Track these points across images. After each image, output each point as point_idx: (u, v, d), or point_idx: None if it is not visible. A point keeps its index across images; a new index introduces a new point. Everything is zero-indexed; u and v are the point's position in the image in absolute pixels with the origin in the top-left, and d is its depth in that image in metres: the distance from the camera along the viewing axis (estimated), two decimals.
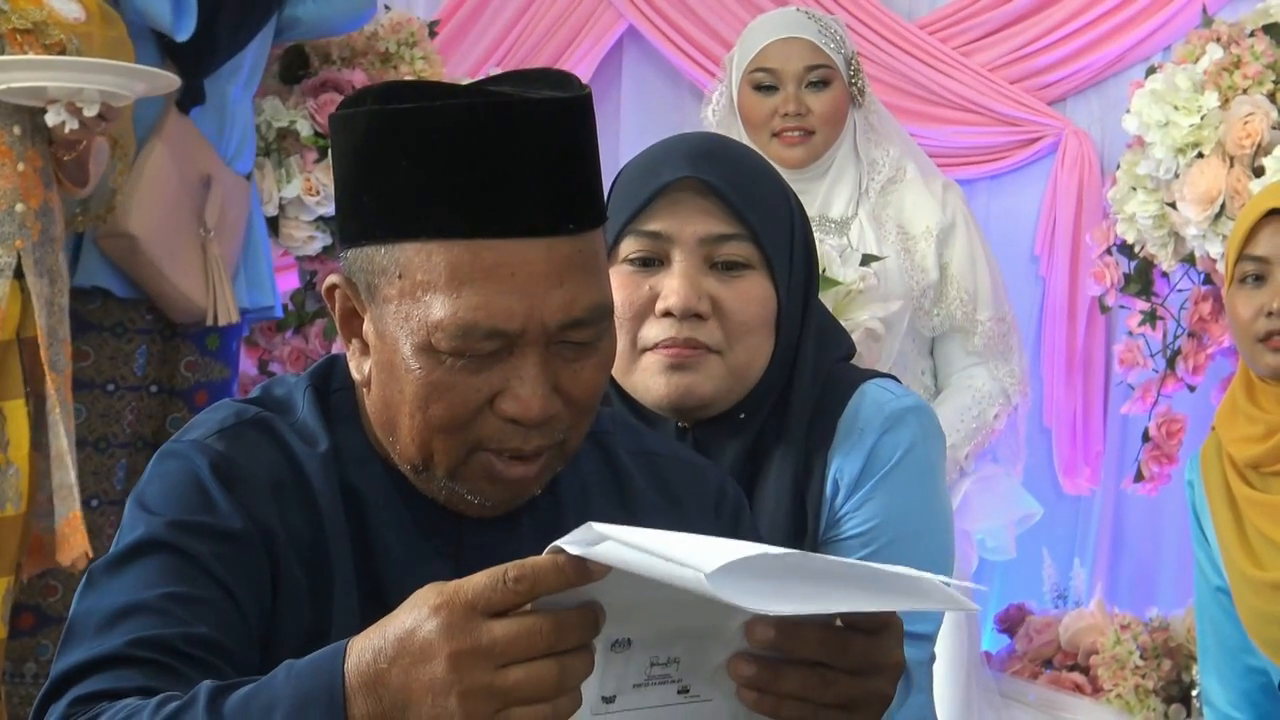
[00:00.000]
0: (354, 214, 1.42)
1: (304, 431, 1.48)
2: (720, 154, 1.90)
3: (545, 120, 1.37)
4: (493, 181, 1.35)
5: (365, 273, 1.41)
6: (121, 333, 3.46)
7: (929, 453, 1.93)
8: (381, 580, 1.46)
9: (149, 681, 1.30)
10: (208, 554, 1.38)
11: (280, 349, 4.04)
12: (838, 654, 1.21)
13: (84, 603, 1.39)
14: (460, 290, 1.35)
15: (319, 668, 1.21)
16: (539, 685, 1.14)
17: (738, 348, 1.87)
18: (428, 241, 1.36)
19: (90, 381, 3.39)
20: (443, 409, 1.39)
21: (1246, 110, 3.50)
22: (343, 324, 1.47)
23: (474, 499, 1.45)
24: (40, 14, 2.98)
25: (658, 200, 1.87)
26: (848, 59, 3.53)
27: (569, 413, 1.42)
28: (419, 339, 1.38)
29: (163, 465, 1.46)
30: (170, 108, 3.44)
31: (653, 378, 1.86)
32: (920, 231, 3.53)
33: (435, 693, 1.15)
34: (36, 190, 3.02)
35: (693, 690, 1.21)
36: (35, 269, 3.01)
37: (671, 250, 1.87)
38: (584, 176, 1.40)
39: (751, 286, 1.88)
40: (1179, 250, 3.71)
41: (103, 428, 3.41)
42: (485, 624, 1.14)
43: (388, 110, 1.38)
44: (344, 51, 3.96)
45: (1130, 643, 3.69)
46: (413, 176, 1.36)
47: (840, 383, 1.94)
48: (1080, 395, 4.24)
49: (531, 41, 4.55)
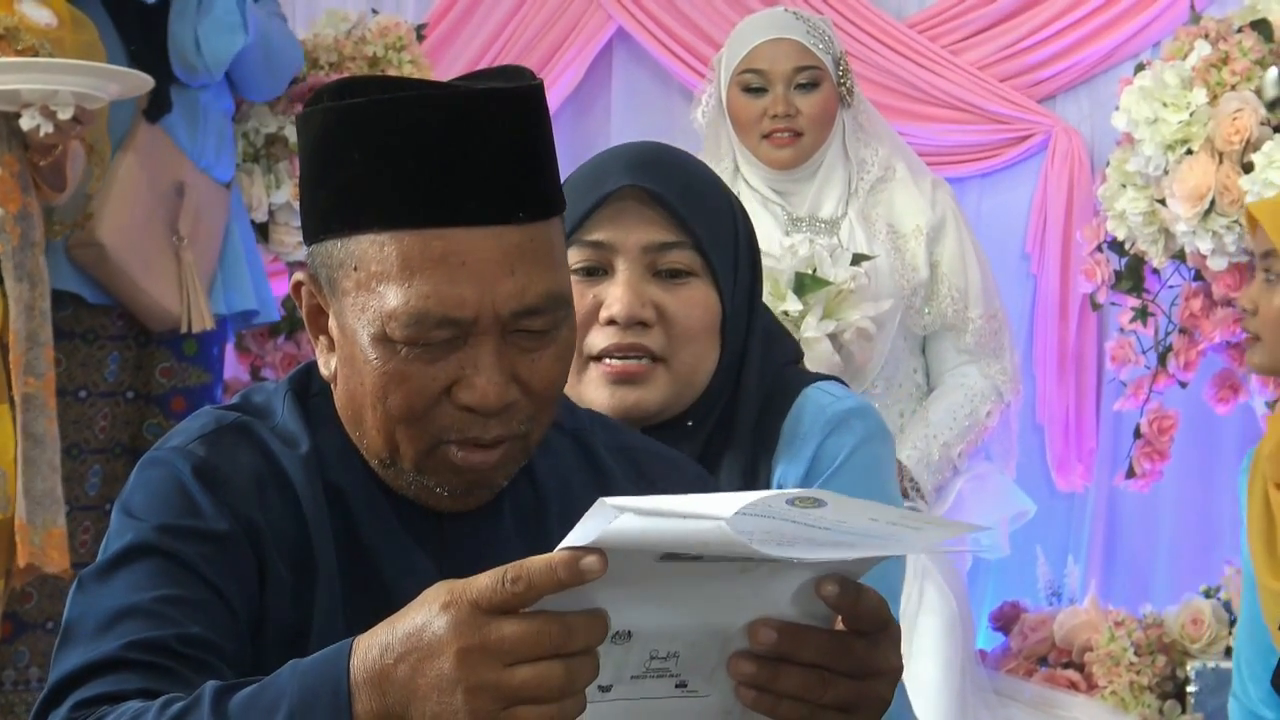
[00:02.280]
0: (312, 210, 1.44)
1: (284, 434, 1.49)
2: (663, 162, 1.91)
3: (493, 111, 1.38)
4: (441, 171, 1.37)
5: (325, 267, 1.43)
6: (93, 339, 3.45)
7: (873, 453, 1.94)
8: (366, 576, 1.47)
9: (148, 683, 1.31)
10: (196, 556, 1.40)
11: (272, 354, 4.05)
12: (838, 657, 1.21)
13: (77, 609, 1.40)
14: (412, 279, 1.37)
15: (324, 664, 1.21)
16: (546, 685, 1.14)
17: (682, 354, 1.88)
18: (380, 233, 1.38)
19: (62, 389, 3.38)
20: (400, 399, 1.40)
21: (1235, 106, 3.50)
22: (310, 320, 1.49)
23: (442, 491, 1.45)
24: (11, 20, 2.99)
25: (601, 209, 1.88)
26: (836, 59, 3.53)
27: (529, 403, 1.43)
28: (375, 329, 1.39)
29: (146, 473, 1.47)
30: (139, 118, 3.44)
31: (597, 390, 1.87)
32: (910, 230, 3.54)
33: (441, 689, 1.15)
34: (14, 195, 3.03)
35: (690, 685, 1.21)
36: (15, 273, 3.02)
37: (615, 259, 1.88)
38: (534, 166, 1.41)
39: (695, 293, 1.89)
40: (1169, 247, 3.71)
41: (75, 434, 3.41)
42: (494, 622, 1.14)
43: (340, 106, 1.40)
44: (331, 57, 3.96)
45: (1124, 639, 3.69)
46: (364, 169, 1.38)
47: (784, 387, 1.94)
48: (1072, 392, 4.24)
49: (521, 44, 4.56)
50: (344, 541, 1.47)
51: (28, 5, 3.04)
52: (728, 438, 1.91)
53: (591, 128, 4.61)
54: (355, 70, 3.94)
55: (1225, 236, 3.53)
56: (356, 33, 4.02)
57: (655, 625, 1.17)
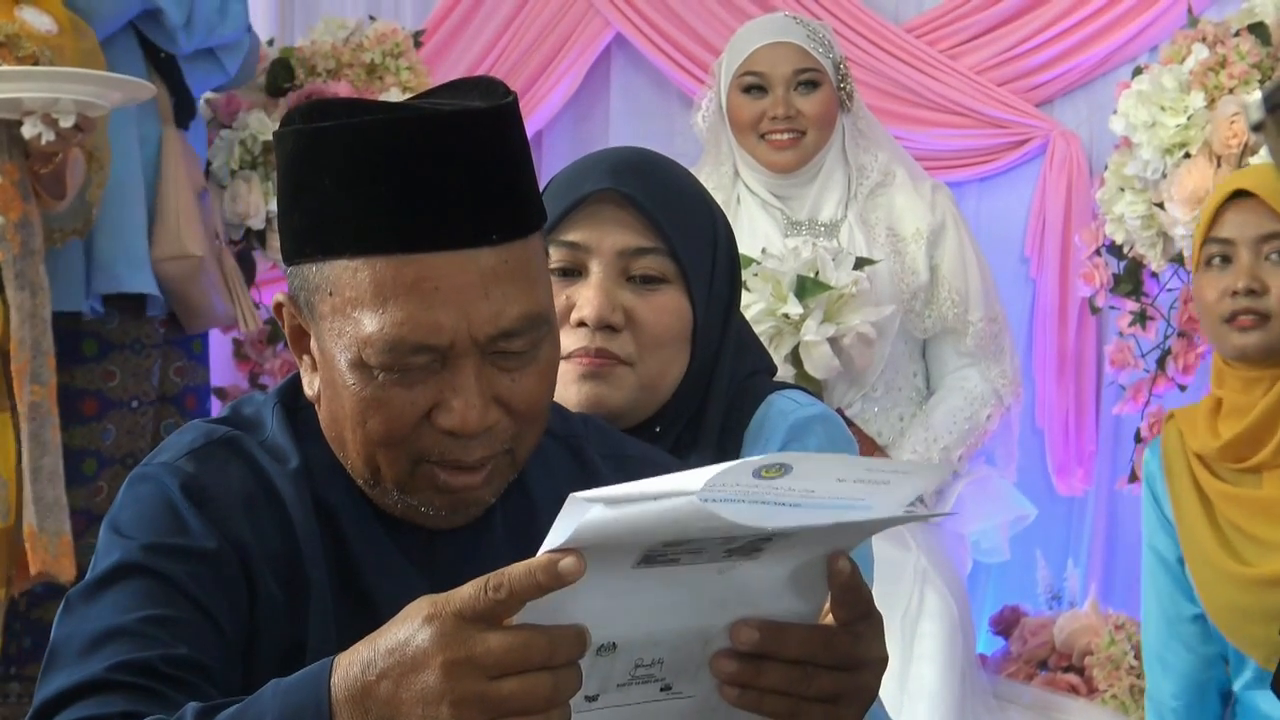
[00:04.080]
0: (288, 232, 1.43)
1: (274, 449, 1.48)
2: (644, 168, 1.92)
3: (462, 132, 1.37)
4: (410, 196, 1.36)
5: (304, 290, 1.42)
6: (140, 349, 3.50)
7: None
8: (358, 593, 1.46)
9: (132, 705, 1.30)
10: (184, 575, 1.39)
11: (270, 362, 4.04)
12: (822, 650, 1.21)
13: (63, 629, 1.39)
14: (385, 306, 1.36)
15: (305, 684, 1.21)
16: (533, 697, 1.14)
17: (650, 360, 1.88)
18: (353, 258, 1.37)
19: (117, 400, 3.42)
20: (380, 424, 1.39)
21: (1233, 110, 3.50)
22: (293, 341, 1.48)
23: (427, 511, 1.45)
24: (12, 27, 2.99)
25: (579, 211, 1.88)
26: (836, 64, 3.54)
27: (512, 422, 1.42)
28: (352, 355, 1.38)
29: (134, 490, 1.46)
30: (169, 126, 3.47)
31: (565, 387, 1.86)
32: (910, 233, 3.54)
33: (427, 701, 1.14)
34: (15, 203, 3.03)
35: (675, 688, 1.21)
36: (16, 282, 3.02)
37: (589, 261, 1.88)
38: (505, 186, 1.39)
39: (667, 300, 1.89)
40: (1168, 250, 3.71)
41: (129, 444, 3.45)
42: (480, 635, 1.14)
43: (309, 129, 1.38)
44: (328, 64, 3.96)
45: (1125, 643, 3.69)
46: (335, 194, 1.37)
47: (749, 394, 1.95)
48: (1072, 396, 4.24)
49: (519, 50, 4.55)
50: (335, 557, 1.46)
51: (28, 12, 3.04)
52: (693, 444, 1.91)
53: (589, 133, 4.61)
54: (354, 76, 3.94)
55: None
56: (354, 39, 4.02)
57: (639, 635, 1.18)
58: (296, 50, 4.03)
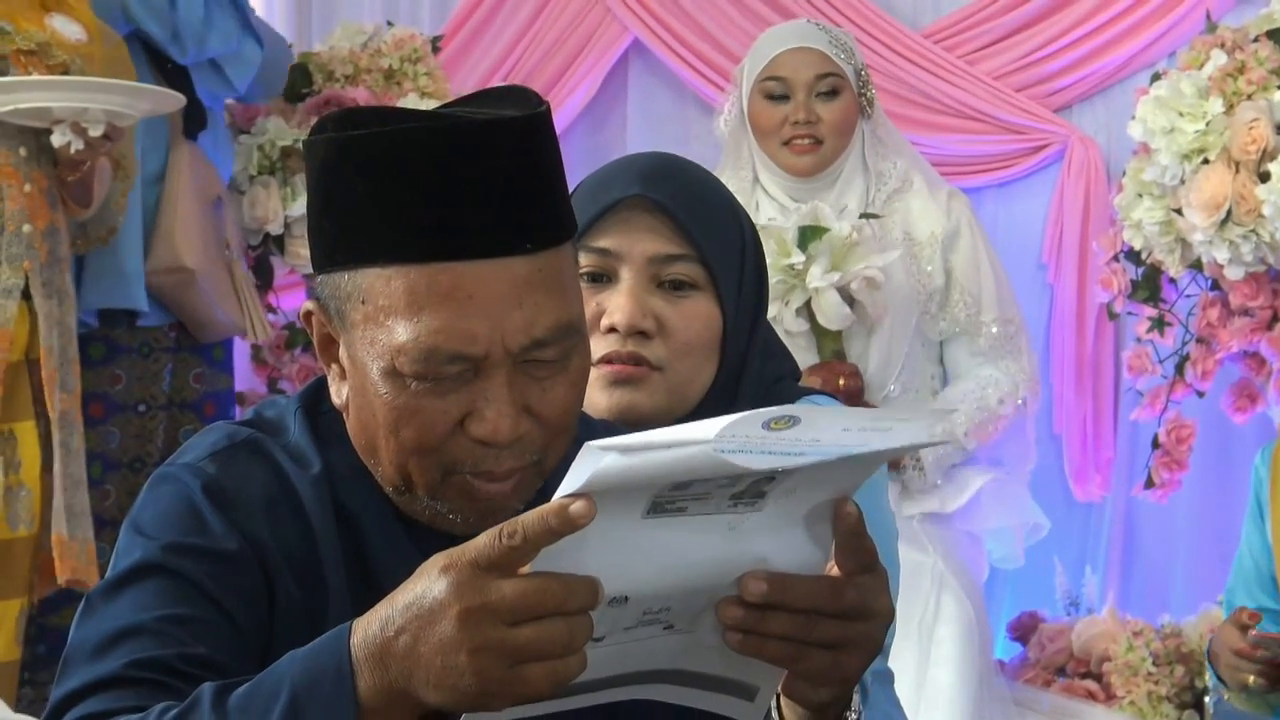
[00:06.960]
0: (319, 240, 1.43)
1: (296, 453, 1.49)
2: (673, 174, 1.92)
3: (496, 141, 1.36)
4: (444, 204, 1.35)
5: (334, 299, 1.42)
6: (148, 353, 3.51)
7: None
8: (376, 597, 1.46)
9: (146, 701, 1.30)
10: (203, 575, 1.39)
11: (289, 366, 4.05)
12: (827, 600, 1.22)
13: (81, 629, 1.39)
14: (419, 314, 1.35)
15: (324, 647, 1.22)
16: (550, 643, 1.15)
17: (679, 366, 1.88)
18: (386, 266, 1.36)
19: (123, 403, 3.43)
20: (413, 432, 1.39)
21: (1251, 116, 3.50)
22: (321, 349, 1.48)
23: (455, 517, 1.45)
24: (43, 35, 3.00)
25: (609, 217, 1.88)
26: (857, 70, 3.55)
27: (542, 432, 1.42)
28: (384, 364, 1.38)
29: (156, 490, 1.46)
30: (178, 136, 3.48)
31: (596, 393, 1.86)
32: (926, 237, 3.55)
33: (445, 651, 1.15)
34: (43, 211, 3.04)
35: (676, 627, 1.23)
36: (43, 290, 3.03)
37: (620, 267, 1.88)
38: (539, 194, 1.39)
39: (697, 307, 1.89)
40: (1186, 256, 3.70)
41: (137, 448, 3.45)
42: (495, 583, 1.15)
43: (342, 137, 1.38)
44: (346, 69, 3.97)
45: (1143, 649, 3.68)
46: (367, 203, 1.37)
47: (775, 399, 1.93)
48: (1090, 402, 4.23)
49: (537, 55, 4.56)
50: (354, 562, 1.47)
51: (59, 20, 3.05)
52: None
53: (607, 139, 4.62)
54: (372, 82, 3.95)
55: (1242, 246, 3.52)
56: (372, 45, 4.03)
57: (651, 589, 1.19)
58: (314, 56, 4.04)
